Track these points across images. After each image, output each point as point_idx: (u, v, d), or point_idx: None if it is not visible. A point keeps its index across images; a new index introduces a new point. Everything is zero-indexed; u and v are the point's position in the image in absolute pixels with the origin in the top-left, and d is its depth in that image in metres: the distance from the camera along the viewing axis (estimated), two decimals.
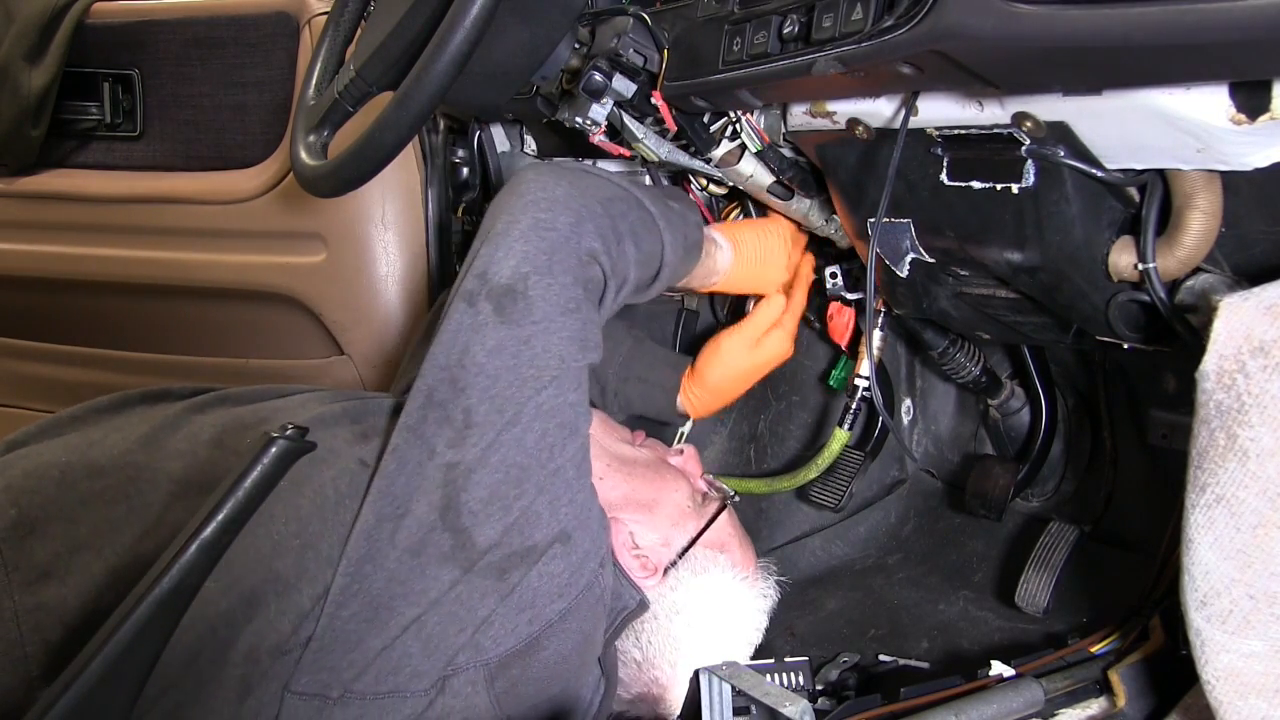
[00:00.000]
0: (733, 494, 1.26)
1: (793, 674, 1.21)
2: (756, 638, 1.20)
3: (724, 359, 1.30)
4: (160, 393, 1.14)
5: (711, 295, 1.64)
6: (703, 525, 1.17)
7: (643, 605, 1.06)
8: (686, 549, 1.15)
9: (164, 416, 1.04)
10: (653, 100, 1.04)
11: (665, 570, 1.13)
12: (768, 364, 1.30)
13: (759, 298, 1.33)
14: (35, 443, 1.03)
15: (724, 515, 1.20)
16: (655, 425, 1.75)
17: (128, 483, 0.95)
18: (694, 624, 1.11)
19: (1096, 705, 0.97)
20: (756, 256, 1.27)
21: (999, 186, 0.86)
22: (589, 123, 1.07)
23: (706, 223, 1.24)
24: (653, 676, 1.10)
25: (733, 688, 1.07)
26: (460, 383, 0.92)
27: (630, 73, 1.04)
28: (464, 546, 0.90)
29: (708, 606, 1.13)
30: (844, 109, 0.93)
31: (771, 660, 1.23)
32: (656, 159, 1.12)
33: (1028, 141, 0.80)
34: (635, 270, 1.05)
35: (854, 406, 1.37)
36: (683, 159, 1.13)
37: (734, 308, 1.56)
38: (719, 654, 1.11)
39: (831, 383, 1.42)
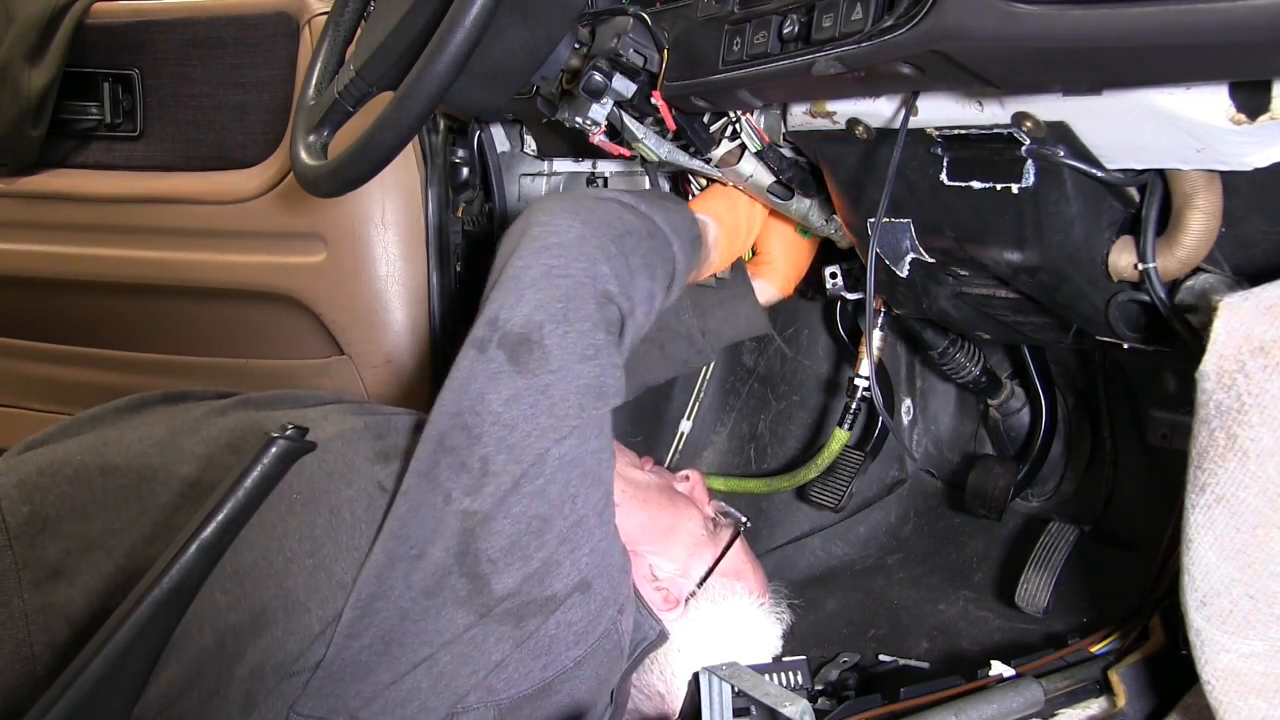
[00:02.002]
0: (745, 521, 1.25)
1: (792, 674, 1.21)
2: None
3: (781, 226, 1.29)
4: (180, 394, 1.13)
5: None
6: (719, 553, 1.17)
7: (662, 636, 1.06)
8: (705, 578, 1.15)
9: (183, 419, 1.04)
10: (653, 100, 1.04)
11: (686, 601, 1.12)
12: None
13: None
14: (54, 442, 1.03)
15: (738, 542, 1.20)
16: (654, 426, 1.75)
17: (140, 483, 0.94)
18: (717, 654, 1.11)
19: (1096, 705, 0.97)
20: (733, 218, 1.25)
21: (999, 186, 0.86)
22: (589, 123, 1.07)
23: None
24: (675, 708, 1.10)
25: (733, 688, 1.07)
26: (475, 430, 0.91)
27: (630, 73, 1.04)
28: (481, 592, 0.89)
29: (729, 636, 1.13)
30: (844, 109, 0.93)
31: (771, 660, 1.23)
32: (656, 159, 1.12)
33: (1028, 141, 0.80)
34: (653, 296, 1.04)
35: (854, 406, 1.37)
36: (683, 159, 1.13)
37: None
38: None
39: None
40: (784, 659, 1.23)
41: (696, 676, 1.10)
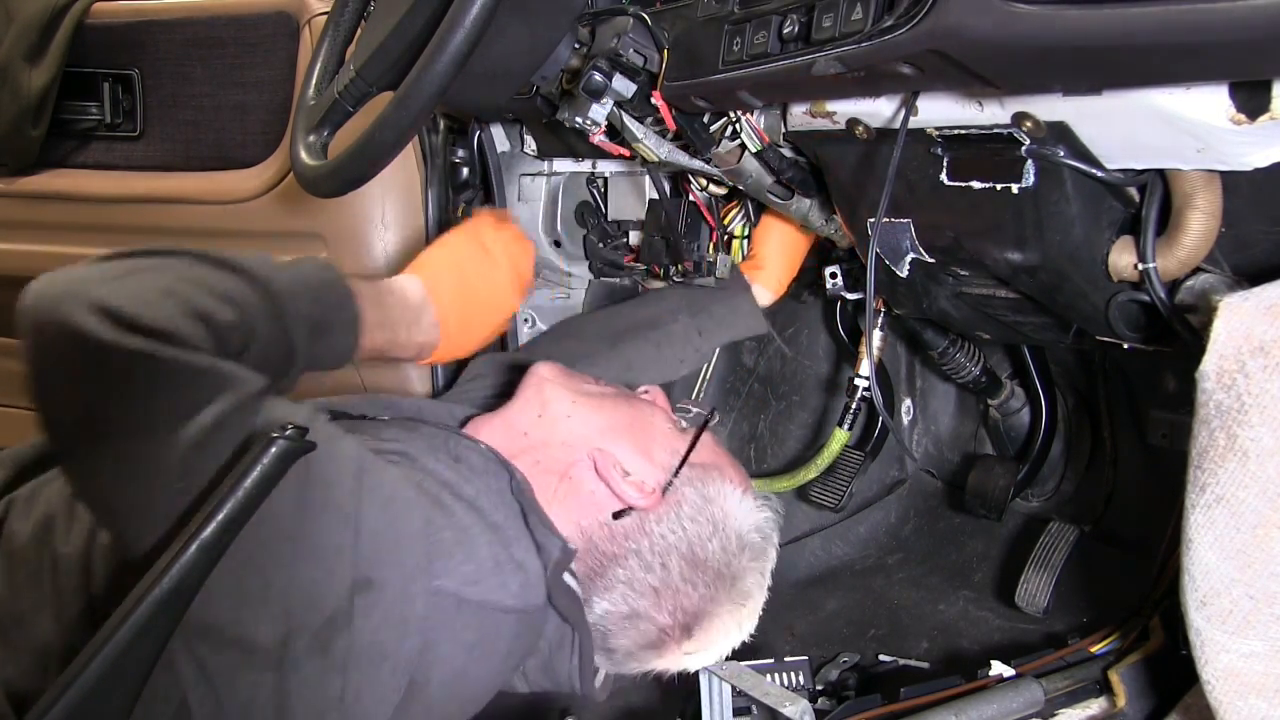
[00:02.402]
0: (713, 411, 1.18)
1: (793, 674, 1.21)
2: (774, 555, 1.12)
3: (774, 230, 1.33)
4: None
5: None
6: (690, 441, 1.10)
7: (566, 552, 0.99)
8: (680, 467, 1.07)
9: None
10: (653, 100, 1.04)
11: (663, 491, 1.06)
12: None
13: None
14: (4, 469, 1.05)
15: (709, 436, 1.13)
16: None
17: (39, 555, 0.95)
18: (708, 537, 1.04)
19: (1096, 705, 0.97)
20: (463, 293, 1.15)
21: (999, 186, 0.86)
22: (589, 123, 1.07)
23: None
24: (678, 603, 1.03)
25: (733, 688, 1.07)
26: (114, 527, 0.83)
27: (630, 73, 1.04)
28: (254, 652, 0.80)
29: (717, 517, 1.06)
30: (844, 109, 0.93)
31: (771, 660, 1.23)
32: (656, 159, 1.12)
33: (1028, 141, 0.80)
34: (236, 330, 0.87)
35: (854, 406, 1.37)
36: (683, 159, 1.13)
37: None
38: (743, 561, 1.05)
39: None
40: (784, 659, 1.23)
41: (697, 676, 1.10)
